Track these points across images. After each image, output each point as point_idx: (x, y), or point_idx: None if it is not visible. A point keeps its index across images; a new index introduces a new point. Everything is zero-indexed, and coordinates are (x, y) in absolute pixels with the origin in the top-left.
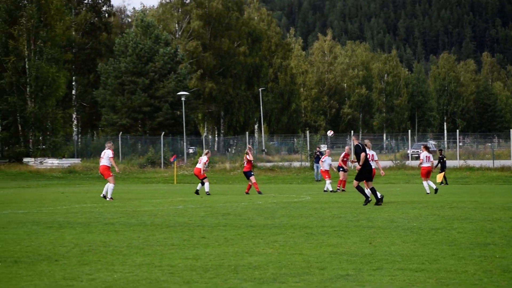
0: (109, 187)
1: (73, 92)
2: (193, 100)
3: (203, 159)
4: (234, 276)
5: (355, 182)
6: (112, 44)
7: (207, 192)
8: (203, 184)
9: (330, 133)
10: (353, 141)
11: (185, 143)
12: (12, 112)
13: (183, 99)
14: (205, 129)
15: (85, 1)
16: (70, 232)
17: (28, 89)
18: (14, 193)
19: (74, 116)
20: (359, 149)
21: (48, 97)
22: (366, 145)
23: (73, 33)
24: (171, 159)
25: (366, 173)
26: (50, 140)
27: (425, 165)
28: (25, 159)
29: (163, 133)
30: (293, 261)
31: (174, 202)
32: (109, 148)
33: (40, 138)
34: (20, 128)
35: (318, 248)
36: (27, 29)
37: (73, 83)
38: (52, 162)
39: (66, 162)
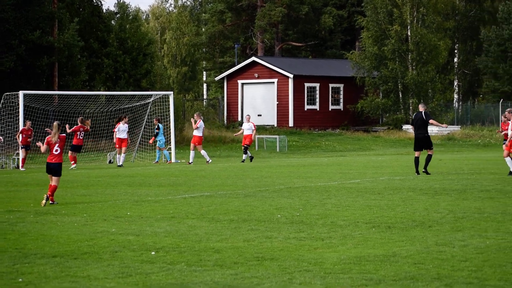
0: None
1: (455, 59)
2: None
3: None
4: None
5: None
6: (495, 11)
7: None
8: None
9: None
10: None
11: None
12: (393, 78)
13: None
14: None
15: None
16: (445, 198)
17: (409, 55)
18: (391, 160)
19: (455, 83)
20: None
21: (429, 64)
22: None
23: (457, 1)
24: None
25: None
26: (429, 107)
27: None
28: (404, 126)
29: None
30: None
31: None
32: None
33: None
34: (400, 95)
35: None
36: None
37: (455, 51)
38: (431, 129)
39: (445, 129)
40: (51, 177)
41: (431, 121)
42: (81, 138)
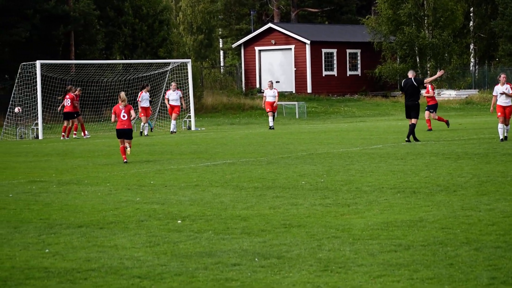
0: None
1: (470, 23)
2: None
3: None
4: None
5: None
6: None
7: None
8: None
9: None
10: None
11: None
12: (408, 42)
13: None
14: None
15: None
16: (468, 162)
17: (426, 20)
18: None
19: (471, 47)
20: None
21: (445, 28)
22: None
23: None
24: None
25: None
26: (447, 70)
27: None
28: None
29: None
30: None
31: None
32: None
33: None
34: (417, 60)
35: None
36: None
37: (471, 14)
38: (449, 94)
39: (464, 93)
40: (122, 141)
41: (426, 80)
42: (68, 105)
